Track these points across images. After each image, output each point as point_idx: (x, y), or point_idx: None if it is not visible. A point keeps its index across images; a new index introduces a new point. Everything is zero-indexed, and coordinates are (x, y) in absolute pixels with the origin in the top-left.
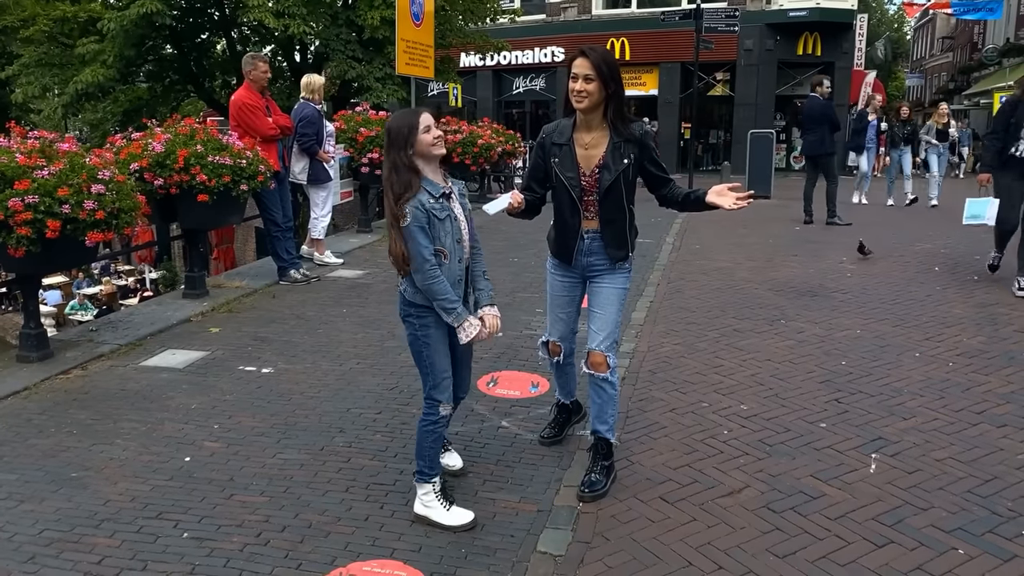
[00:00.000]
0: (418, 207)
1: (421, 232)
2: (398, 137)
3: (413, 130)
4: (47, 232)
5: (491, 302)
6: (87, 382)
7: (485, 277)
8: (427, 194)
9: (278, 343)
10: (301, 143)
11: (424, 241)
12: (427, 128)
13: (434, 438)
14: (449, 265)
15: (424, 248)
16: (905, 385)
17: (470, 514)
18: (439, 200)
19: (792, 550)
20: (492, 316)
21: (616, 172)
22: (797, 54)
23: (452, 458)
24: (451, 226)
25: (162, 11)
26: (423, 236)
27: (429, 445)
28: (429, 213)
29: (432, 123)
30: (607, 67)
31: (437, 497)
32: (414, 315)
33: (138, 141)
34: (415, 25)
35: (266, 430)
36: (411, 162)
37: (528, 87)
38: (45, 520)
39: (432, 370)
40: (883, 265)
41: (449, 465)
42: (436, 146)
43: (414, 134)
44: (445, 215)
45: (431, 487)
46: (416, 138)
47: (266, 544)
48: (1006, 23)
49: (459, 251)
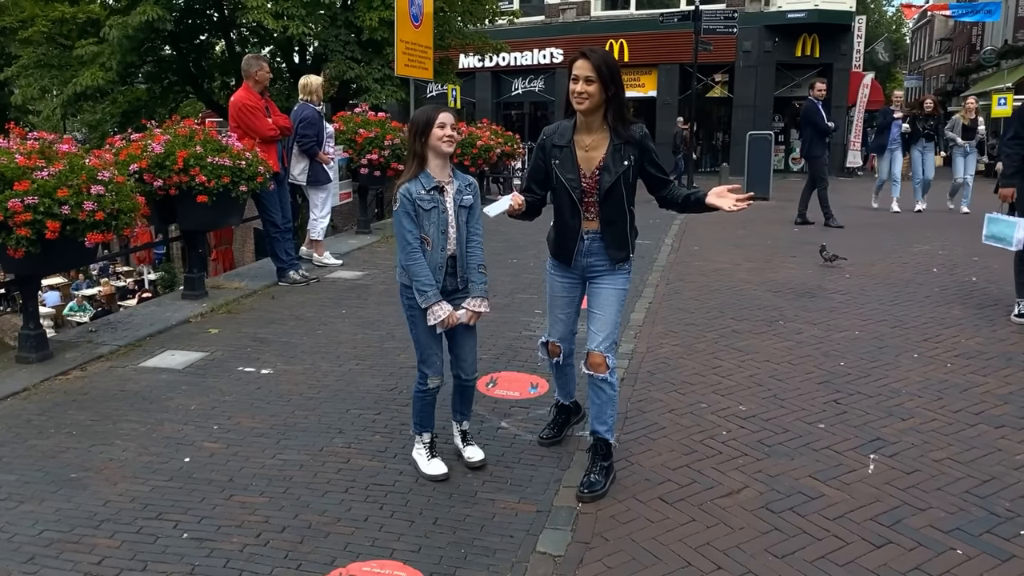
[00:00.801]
0: (405, 195)
1: (406, 217)
2: (416, 127)
3: (430, 123)
4: (47, 233)
5: (479, 295)
6: (86, 383)
7: (480, 271)
8: (419, 184)
9: (277, 344)
10: (301, 144)
11: (408, 225)
12: (442, 125)
13: (423, 404)
14: (431, 253)
15: (407, 232)
16: (903, 386)
17: (443, 468)
18: (430, 192)
19: (791, 550)
20: (470, 310)
21: (616, 174)
22: (795, 56)
23: (471, 452)
24: (437, 217)
25: (163, 17)
26: (408, 221)
27: (419, 409)
28: (415, 202)
29: (449, 122)
30: (608, 69)
31: (425, 447)
32: (405, 294)
33: (137, 142)
34: (414, 26)
35: (265, 431)
36: (421, 151)
37: (527, 88)
38: (45, 521)
39: (418, 345)
40: (881, 266)
41: (470, 458)
42: (445, 143)
43: (430, 127)
44: (431, 207)
45: (421, 440)
46: (430, 131)
47: (266, 544)
48: (1004, 25)
49: (442, 241)
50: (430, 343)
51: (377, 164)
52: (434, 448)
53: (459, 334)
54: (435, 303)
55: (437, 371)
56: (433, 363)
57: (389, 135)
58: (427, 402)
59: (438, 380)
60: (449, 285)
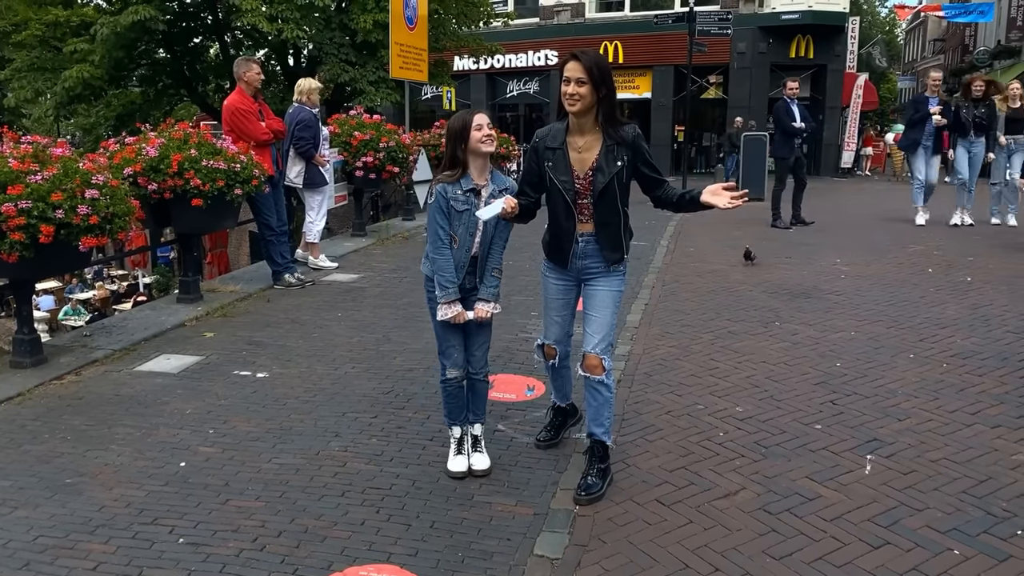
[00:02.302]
0: (441, 193)
1: (439, 212)
2: (453, 133)
3: (467, 127)
4: (40, 237)
5: (488, 298)
6: (81, 387)
7: (494, 273)
8: (458, 185)
9: (273, 347)
10: (298, 147)
11: (441, 221)
12: (479, 127)
13: (447, 395)
14: (456, 252)
15: (439, 227)
16: (900, 386)
17: (463, 467)
18: (465, 194)
19: (788, 552)
20: (479, 310)
21: (610, 174)
22: (790, 57)
23: (477, 459)
24: (468, 219)
25: (155, 17)
26: (441, 216)
27: (444, 400)
28: (449, 202)
29: (485, 122)
30: (599, 70)
31: (453, 441)
32: (428, 286)
33: (132, 146)
34: (409, 28)
35: (261, 435)
36: (463, 156)
37: (522, 90)
38: (40, 526)
39: (437, 336)
40: (877, 267)
41: (472, 466)
42: (485, 143)
43: (467, 131)
44: (464, 208)
45: (452, 434)
46: (469, 134)
47: (262, 549)
48: (997, 26)
49: (469, 242)
50: (448, 335)
51: (372, 167)
52: (462, 445)
53: (472, 330)
54: (447, 301)
55: (455, 362)
56: (451, 354)
57: (384, 138)
58: (450, 392)
59: (456, 371)
60: (468, 283)
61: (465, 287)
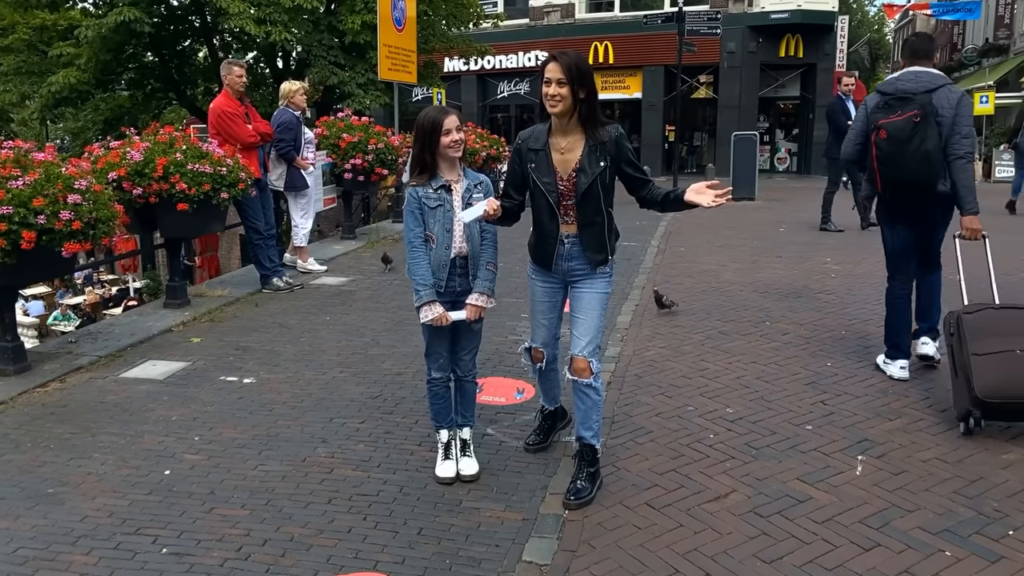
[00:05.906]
0: (412, 195)
1: (411, 215)
2: (421, 133)
3: (436, 131)
4: (22, 243)
5: (482, 291)
6: (65, 395)
7: (488, 268)
8: (428, 185)
9: (260, 352)
10: (279, 149)
11: (412, 224)
12: (447, 132)
13: (432, 395)
14: (436, 250)
15: (410, 231)
16: (890, 386)
17: (451, 472)
18: (437, 191)
19: (779, 555)
20: (471, 304)
21: (593, 175)
22: (779, 56)
23: (465, 464)
24: (443, 215)
25: (140, 19)
26: (412, 219)
27: (430, 401)
28: (420, 200)
29: (454, 126)
30: (578, 71)
31: (440, 446)
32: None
33: (116, 150)
34: (397, 30)
35: (247, 441)
36: (431, 160)
37: (512, 91)
38: (20, 538)
39: (424, 338)
40: (867, 266)
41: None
42: (452, 149)
43: (437, 135)
44: (437, 205)
45: (438, 438)
46: (438, 139)
47: (247, 558)
48: (985, 24)
49: (447, 239)
50: (435, 338)
51: (361, 169)
52: (450, 450)
53: (460, 333)
54: (426, 303)
55: (440, 366)
56: (436, 358)
57: (372, 139)
58: (436, 392)
59: (441, 374)
60: (459, 286)
61: (456, 290)
